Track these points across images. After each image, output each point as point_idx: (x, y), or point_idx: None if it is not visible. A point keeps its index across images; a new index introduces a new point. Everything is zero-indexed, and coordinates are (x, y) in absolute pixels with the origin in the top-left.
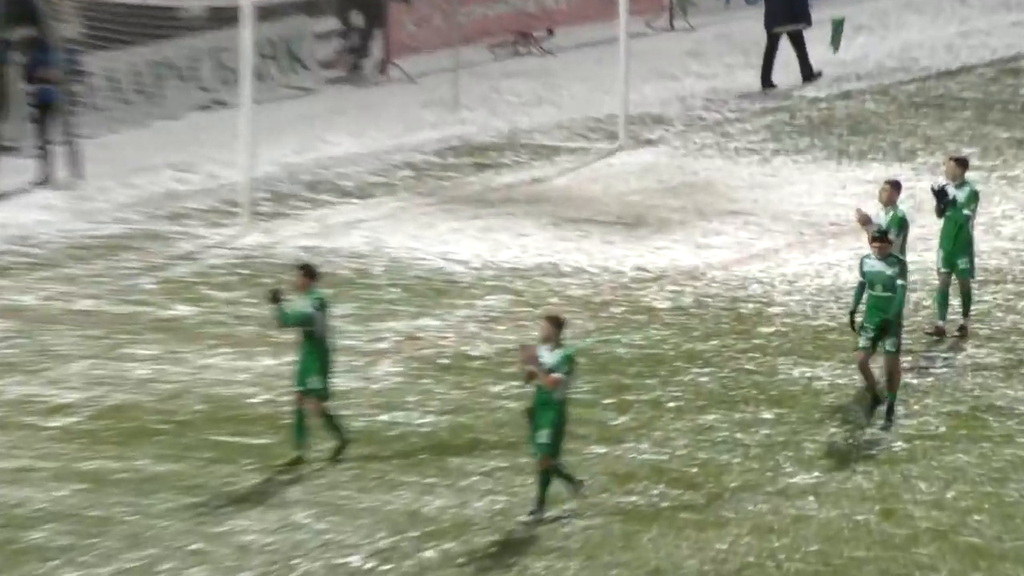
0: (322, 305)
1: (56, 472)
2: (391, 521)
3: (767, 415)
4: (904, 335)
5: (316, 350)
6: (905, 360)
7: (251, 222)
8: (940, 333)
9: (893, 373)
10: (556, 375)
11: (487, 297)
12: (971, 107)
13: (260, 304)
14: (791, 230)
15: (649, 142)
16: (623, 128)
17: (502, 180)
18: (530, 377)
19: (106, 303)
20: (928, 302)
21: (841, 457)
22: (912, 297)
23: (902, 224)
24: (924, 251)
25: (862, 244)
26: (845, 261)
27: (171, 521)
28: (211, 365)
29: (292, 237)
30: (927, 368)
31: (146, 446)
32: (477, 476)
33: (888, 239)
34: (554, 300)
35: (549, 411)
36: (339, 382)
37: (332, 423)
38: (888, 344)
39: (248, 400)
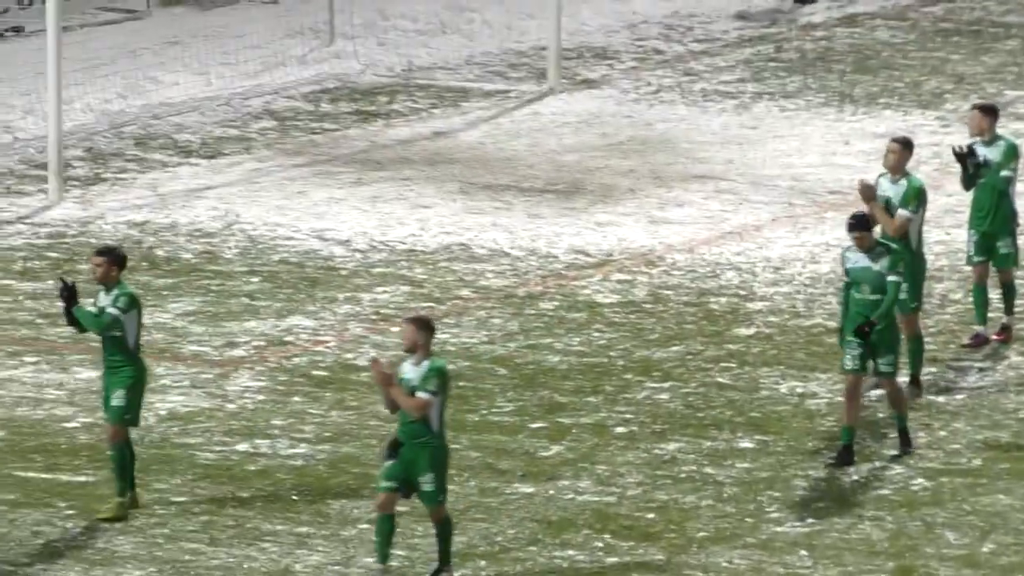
0: (131, 305)
1: None
2: None
3: (746, 444)
4: (930, 338)
5: (124, 362)
6: (929, 372)
7: (61, 189)
8: (981, 342)
9: (895, 397)
10: (422, 396)
11: (376, 289)
12: (1018, 35)
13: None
14: (777, 200)
15: (589, 83)
16: (554, 65)
17: (394, 134)
18: (391, 400)
19: None
20: (959, 295)
21: (843, 499)
22: (937, 289)
23: (920, 197)
24: (953, 227)
25: None
26: (848, 241)
27: None
28: (12, 378)
29: (116, 209)
30: (956, 383)
31: None
32: (365, 524)
33: (867, 228)
34: (465, 292)
35: (423, 447)
36: (181, 400)
37: (124, 462)
38: (883, 362)
39: (62, 424)
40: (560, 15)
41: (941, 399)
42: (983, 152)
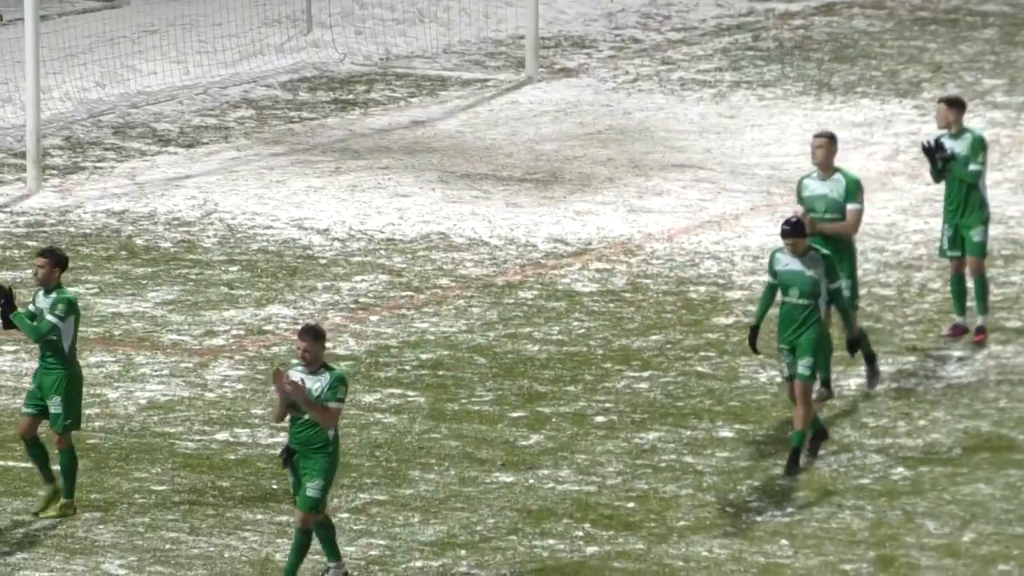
0: (69, 311)
1: None
2: (233, 573)
3: (726, 433)
4: (909, 327)
5: (57, 366)
6: (908, 360)
7: (40, 178)
8: (960, 333)
9: (803, 404)
10: (332, 405)
11: (355, 278)
12: (996, 23)
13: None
14: (756, 189)
15: (567, 72)
16: (532, 53)
17: (372, 123)
18: (286, 411)
19: None
20: (937, 283)
21: (823, 488)
22: (916, 278)
23: (862, 190)
24: (931, 216)
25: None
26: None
27: None
28: None
29: (94, 198)
30: (936, 372)
31: None
32: (345, 513)
33: (803, 234)
34: (444, 281)
35: (319, 454)
36: (161, 389)
37: (70, 465)
38: (801, 365)
39: None
40: (538, 4)
41: (920, 388)
42: (951, 145)
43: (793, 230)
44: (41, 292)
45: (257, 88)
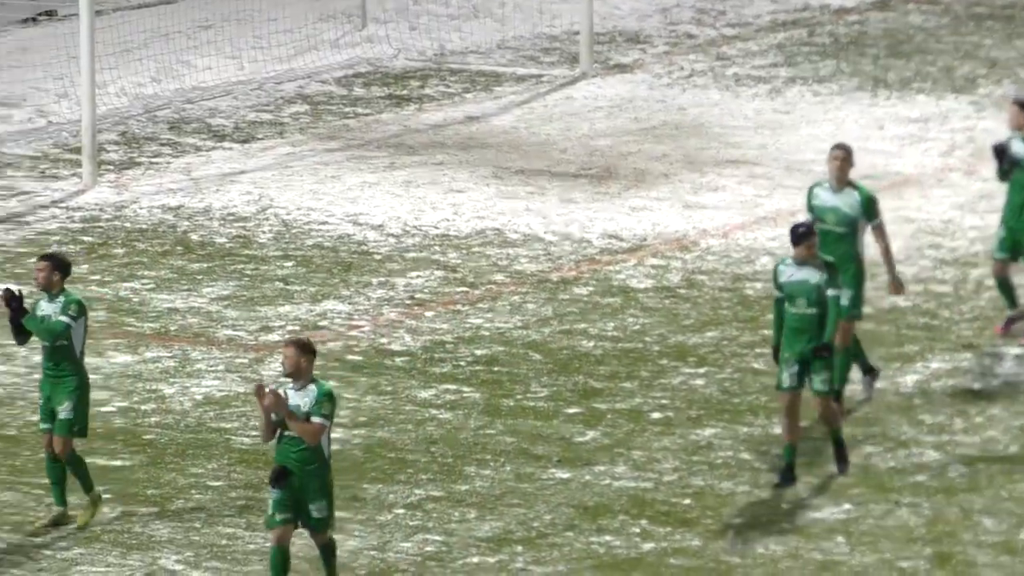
0: (81, 312)
1: None
2: (292, 568)
3: (782, 430)
4: (966, 324)
5: (69, 372)
6: (965, 357)
7: (96, 173)
8: (1017, 319)
9: (828, 415)
10: (317, 421)
11: (410, 274)
12: None
13: (111, 283)
14: (811, 184)
15: (622, 68)
16: (587, 49)
17: (427, 118)
18: (274, 429)
19: None
20: (991, 280)
21: (880, 485)
22: (973, 275)
23: (877, 206)
24: (988, 212)
25: (903, 204)
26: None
27: None
28: None
29: (150, 193)
30: (992, 369)
31: None
32: (401, 509)
33: (814, 234)
34: (499, 277)
35: (312, 469)
36: (216, 385)
37: (80, 469)
38: (818, 381)
39: (99, 409)
40: None
41: (977, 385)
42: (1018, 149)
43: (809, 231)
44: (44, 298)
45: (312, 83)
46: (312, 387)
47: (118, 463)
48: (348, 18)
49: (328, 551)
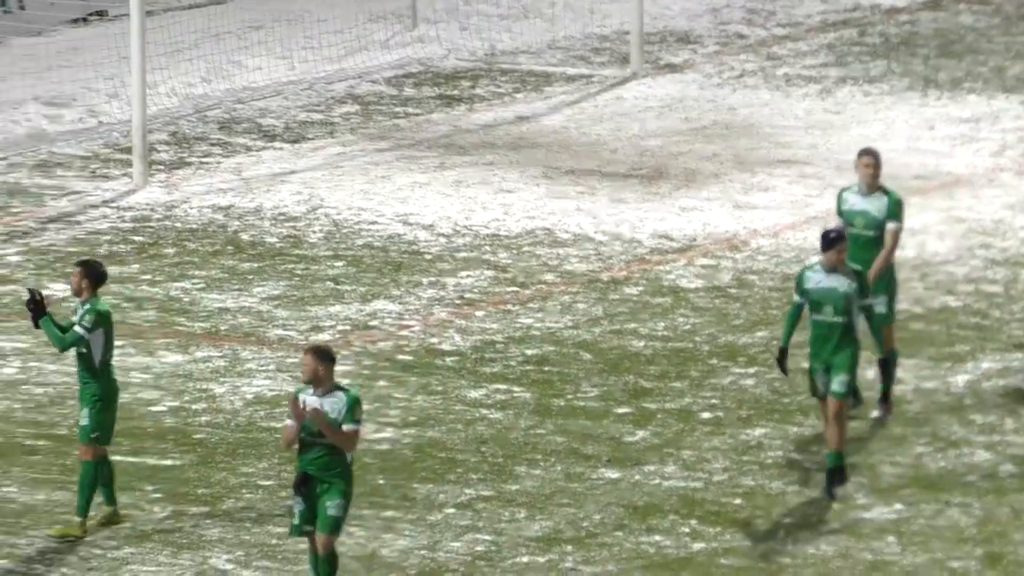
0: (98, 322)
1: None
2: (340, 568)
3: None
4: (1016, 324)
5: (89, 379)
6: (1016, 357)
7: (146, 173)
8: None
9: (836, 423)
10: (351, 427)
11: (460, 273)
12: None
13: (161, 283)
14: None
15: (672, 68)
16: (637, 49)
17: (477, 118)
18: (306, 439)
19: None
20: None
21: (930, 485)
22: (1023, 275)
23: (903, 209)
24: None
25: (954, 204)
26: (933, 226)
27: (50, 566)
28: None
29: (201, 193)
30: None
31: (16, 468)
32: (452, 509)
33: (845, 240)
34: (549, 277)
35: (336, 475)
36: (267, 384)
37: (89, 480)
38: (836, 382)
39: (149, 408)
40: None
41: None
42: None
43: (840, 236)
44: (79, 304)
45: (362, 83)
46: (340, 394)
47: (169, 462)
48: (399, 18)
49: (330, 564)
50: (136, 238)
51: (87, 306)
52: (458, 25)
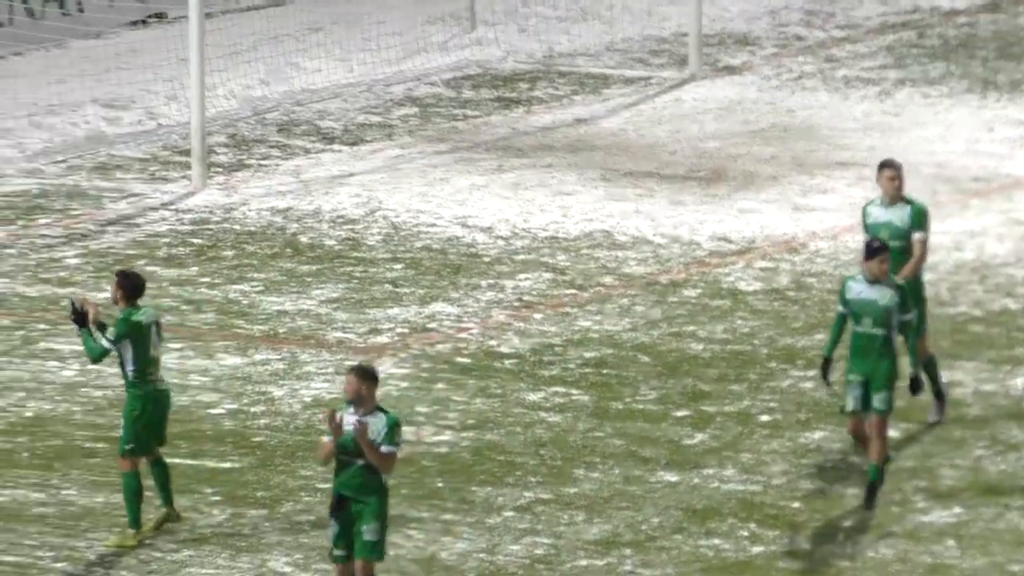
0: (123, 334)
1: None
2: (399, 571)
3: (891, 432)
4: None
5: (126, 388)
6: None
7: (205, 176)
8: None
9: (879, 438)
10: (389, 449)
11: (519, 276)
12: None
13: (220, 285)
14: (920, 187)
15: (730, 70)
16: (696, 51)
17: (535, 121)
18: (341, 458)
19: (17, 283)
20: None
21: (990, 488)
22: None
23: (929, 219)
24: None
25: (1013, 206)
26: (992, 229)
27: (110, 569)
28: None
29: (259, 195)
30: None
31: (75, 471)
32: (511, 512)
33: (887, 250)
34: (607, 279)
35: (372, 496)
36: (326, 387)
37: (128, 489)
38: (877, 400)
39: (208, 411)
40: (701, 1)
41: None
42: None
43: (883, 246)
44: (120, 316)
45: (421, 86)
46: (380, 415)
47: (227, 465)
48: (457, 21)
49: None
50: (195, 240)
51: (119, 316)
52: (516, 27)
